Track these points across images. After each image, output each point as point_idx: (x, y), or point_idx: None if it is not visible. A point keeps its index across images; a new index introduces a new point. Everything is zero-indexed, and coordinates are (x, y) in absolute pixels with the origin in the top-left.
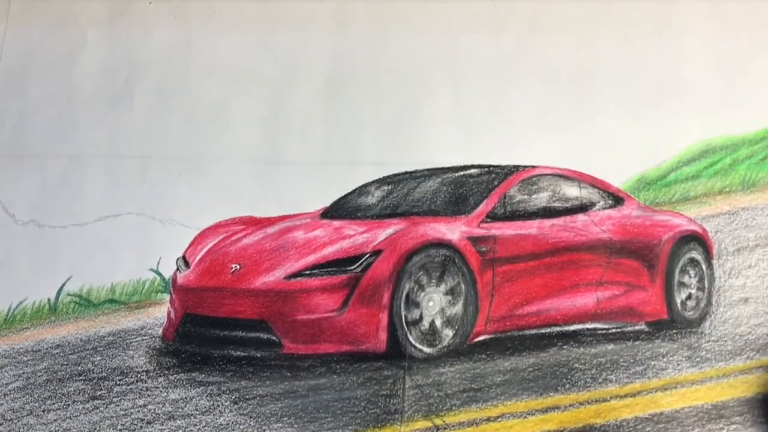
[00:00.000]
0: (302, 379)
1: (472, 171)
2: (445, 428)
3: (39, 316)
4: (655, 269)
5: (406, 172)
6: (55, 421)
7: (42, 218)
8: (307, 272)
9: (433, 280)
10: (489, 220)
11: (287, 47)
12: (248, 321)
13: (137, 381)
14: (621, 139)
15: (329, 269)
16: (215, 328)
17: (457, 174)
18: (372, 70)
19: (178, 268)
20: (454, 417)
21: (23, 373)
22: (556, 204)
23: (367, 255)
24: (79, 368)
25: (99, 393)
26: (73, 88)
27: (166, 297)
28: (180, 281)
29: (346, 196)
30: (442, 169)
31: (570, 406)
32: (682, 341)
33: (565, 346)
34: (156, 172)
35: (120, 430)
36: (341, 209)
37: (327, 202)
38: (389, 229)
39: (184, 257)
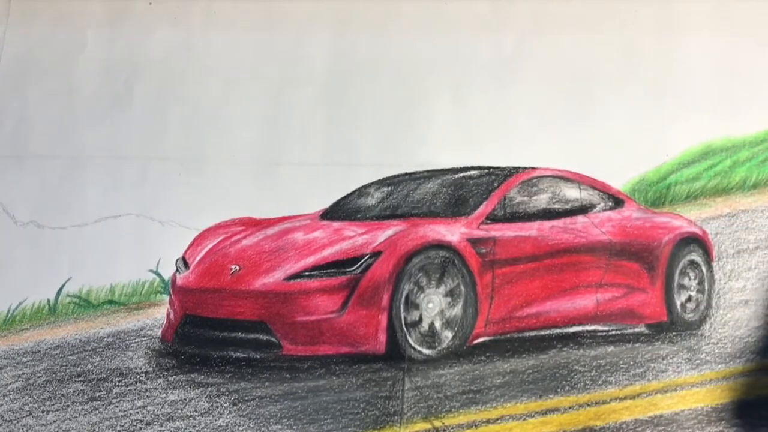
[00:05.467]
0: (301, 380)
1: (472, 172)
2: (444, 430)
3: (38, 316)
4: (655, 271)
5: (406, 174)
6: (54, 422)
7: (42, 219)
8: (307, 273)
9: (433, 282)
10: (489, 221)
11: (287, 47)
12: (247, 322)
13: (136, 382)
14: (621, 140)
15: (329, 270)
16: (214, 329)
17: (456, 175)
18: (372, 71)
19: (177, 269)
20: (454, 419)
21: (22, 373)
22: (556, 206)
23: (367, 256)
24: (79, 369)
25: (98, 394)
26: (73, 88)
27: (166, 298)
28: (179, 282)
29: (345, 197)
30: (442, 170)
31: (570, 408)
32: (681, 343)
33: (565, 348)
34: (156, 172)
35: (119, 431)
36: (341, 210)
37: (327, 204)
38: (389, 230)
39: (183, 258)
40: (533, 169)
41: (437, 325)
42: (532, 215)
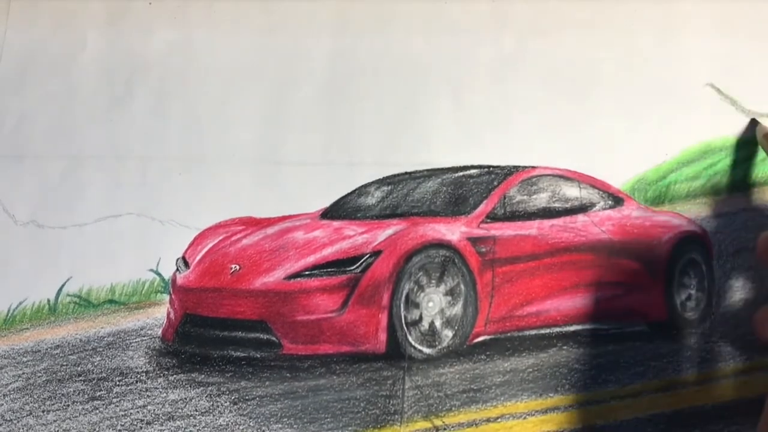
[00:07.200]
0: (302, 379)
1: (472, 171)
2: (444, 429)
3: (38, 316)
4: (655, 270)
5: (406, 173)
6: (54, 421)
7: (42, 218)
8: (307, 273)
9: (433, 281)
10: (489, 220)
11: (287, 47)
12: (248, 321)
13: (137, 381)
14: (621, 139)
15: (329, 270)
16: (215, 328)
17: (456, 174)
18: (372, 70)
19: (177, 269)
20: (454, 417)
21: (23, 373)
22: (556, 204)
23: (367, 255)
24: (79, 369)
25: (98, 394)
26: (73, 88)
27: (166, 297)
28: (179, 282)
29: (345, 196)
30: (442, 169)
31: (570, 406)
32: (682, 342)
33: (565, 347)
34: (156, 172)
35: (119, 430)
36: (341, 210)
37: (327, 203)
38: (389, 229)
39: (183, 258)
40: (533, 167)
41: (437, 324)
42: (532, 214)
